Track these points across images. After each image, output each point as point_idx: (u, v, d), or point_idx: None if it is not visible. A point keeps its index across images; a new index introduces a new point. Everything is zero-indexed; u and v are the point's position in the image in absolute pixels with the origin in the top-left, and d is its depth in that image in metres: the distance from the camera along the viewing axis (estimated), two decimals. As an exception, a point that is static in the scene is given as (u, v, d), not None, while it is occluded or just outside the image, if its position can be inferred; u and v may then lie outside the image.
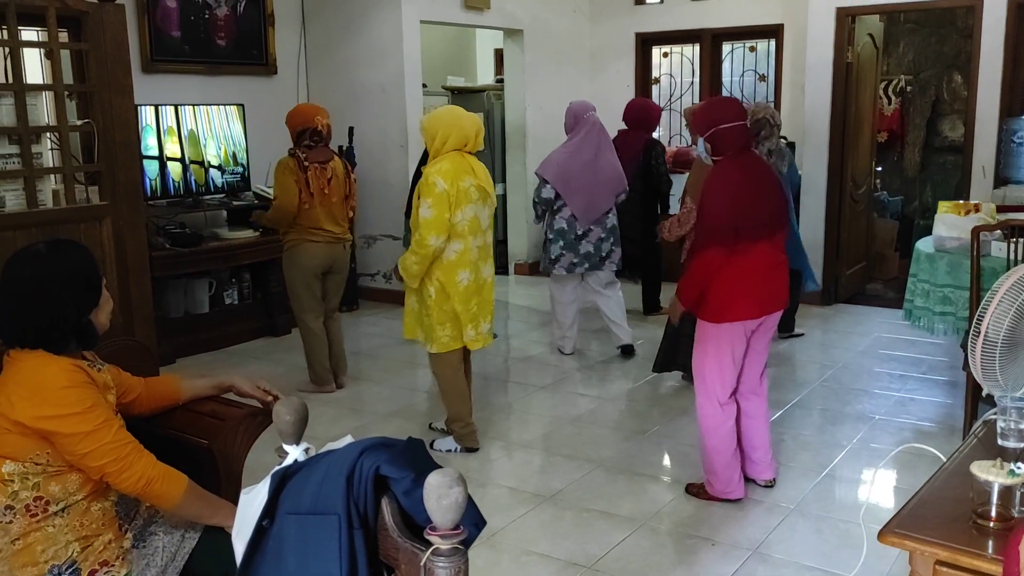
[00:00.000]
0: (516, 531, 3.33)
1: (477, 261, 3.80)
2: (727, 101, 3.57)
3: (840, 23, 6.44)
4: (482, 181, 3.77)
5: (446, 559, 1.25)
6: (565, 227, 5.21)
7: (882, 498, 3.63)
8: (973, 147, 6.19)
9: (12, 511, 1.94)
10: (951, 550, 1.56)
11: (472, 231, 3.74)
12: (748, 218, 3.23)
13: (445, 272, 3.73)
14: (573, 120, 5.25)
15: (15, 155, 3.29)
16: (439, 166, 3.65)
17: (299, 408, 1.59)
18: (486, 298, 3.91)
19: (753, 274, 3.28)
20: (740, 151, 3.33)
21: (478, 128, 3.78)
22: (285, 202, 4.55)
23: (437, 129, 3.70)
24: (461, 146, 3.71)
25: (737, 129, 3.32)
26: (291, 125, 4.69)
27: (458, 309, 3.79)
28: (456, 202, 3.64)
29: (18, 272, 2.00)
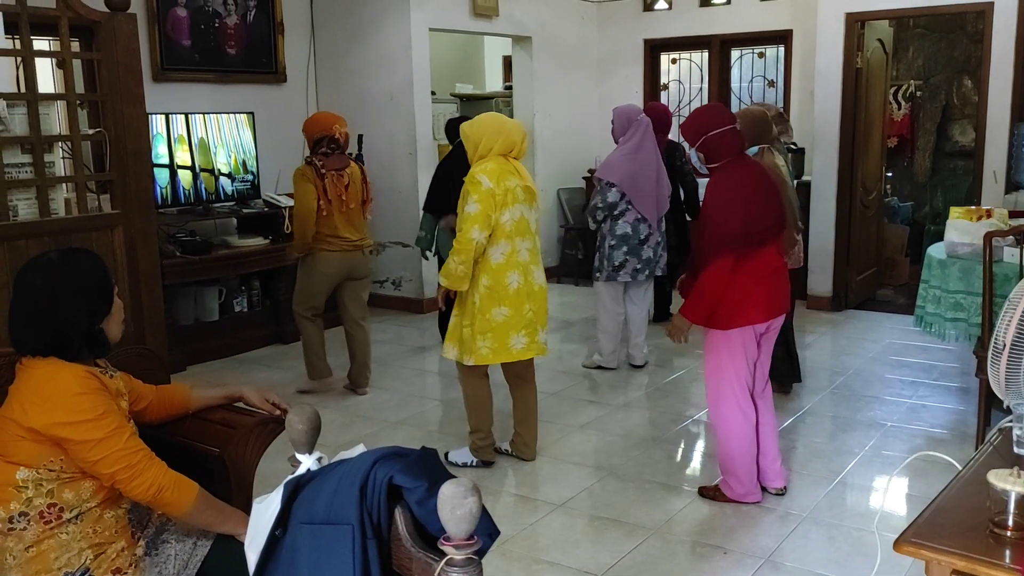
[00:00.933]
0: (527, 539, 3.32)
1: (528, 264, 3.68)
2: (713, 107, 3.53)
3: (849, 28, 6.43)
4: (527, 182, 3.69)
5: (460, 570, 1.25)
6: (629, 231, 5.12)
7: (895, 506, 3.61)
8: (984, 152, 6.16)
9: (26, 518, 1.95)
10: (968, 560, 1.55)
11: (520, 232, 3.63)
12: (756, 223, 3.23)
13: (493, 276, 3.62)
14: (626, 122, 5.16)
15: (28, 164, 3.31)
16: (484, 166, 3.59)
17: (312, 417, 1.59)
18: (542, 304, 3.77)
19: (761, 278, 3.29)
20: (735, 157, 3.31)
21: (524, 134, 3.72)
22: (304, 208, 4.57)
23: (481, 136, 3.64)
24: (506, 152, 3.65)
25: (728, 134, 3.30)
26: (309, 133, 4.72)
27: (509, 314, 3.65)
28: (503, 202, 3.55)
29: (31, 280, 2.01)
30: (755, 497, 3.51)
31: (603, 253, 5.22)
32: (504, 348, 3.68)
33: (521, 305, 3.66)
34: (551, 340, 6.06)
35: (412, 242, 6.07)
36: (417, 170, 6.68)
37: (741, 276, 3.23)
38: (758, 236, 3.22)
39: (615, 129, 5.23)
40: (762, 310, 3.32)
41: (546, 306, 3.81)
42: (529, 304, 3.68)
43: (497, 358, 3.71)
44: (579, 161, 8.02)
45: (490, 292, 3.62)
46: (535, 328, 3.73)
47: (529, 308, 3.69)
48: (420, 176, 6.62)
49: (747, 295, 3.26)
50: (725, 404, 3.42)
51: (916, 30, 8.34)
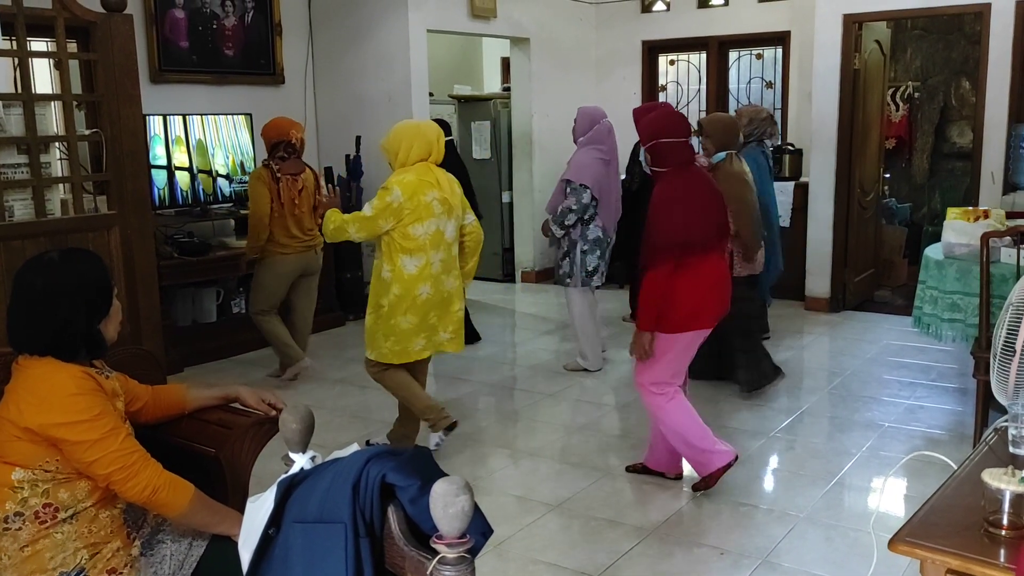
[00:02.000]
0: (523, 540, 3.32)
1: (439, 275, 3.75)
2: (674, 116, 3.58)
3: (847, 30, 6.43)
4: (447, 194, 3.71)
5: (453, 568, 1.25)
6: (600, 235, 5.10)
7: (892, 506, 3.61)
8: (982, 153, 6.17)
9: (21, 518, 1.95)
10: (963, 559, 1.55)
11: (434, 245, 3.69)
12: (698, 231, 3.33)
13: (404, 286, 3.69)
14: (589, 123, 5.11)
15: (24, 164, 3.31)
16: (401, 177, 3.63)
17: (305, 416, 1.59)
18: (449, 309, 3.84)
19: (708, 286, 3.41)
20: (683, 165, 3.39)
21: (439, 134, 3.75)
22: (258, 211, 4.77)
23: (399, 143, 3.67)
24: (425, 155, 3.68)
25: (679, 146, 3.39)
26: (266, 137, 4.89)
27: (413, 321, 3.73)
28: (416, 216, 3.61)
29: (30, 280, 2.01)
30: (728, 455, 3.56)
31: (574, 259, 5.12)
32: (405, 351, 3.80)
33: (427, 313, 3.76)
34: (548, 341, 6.09)
35: None
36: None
37: (690, 282, 3.34)
38: (700, 244, 3.32)
39: (577, 128, 5.17)
40: (712, 316, 3.47)
41: (452, 309, 3.86)
42: (435, 311, 3.78)
43: (398, 359, 3.81)
44: (577, 162, 8.01)
45: (399, 301, 3.70)
46: (436, 331, 3.83)
47: (434, 315, 3.78)
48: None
49: (698, 301, 3.39)
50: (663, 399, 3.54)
51: (914, 31, 8.35)
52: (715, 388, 5.01)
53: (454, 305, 3.87)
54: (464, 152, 7.94)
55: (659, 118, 3.49)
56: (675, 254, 3.28)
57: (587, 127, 5.12)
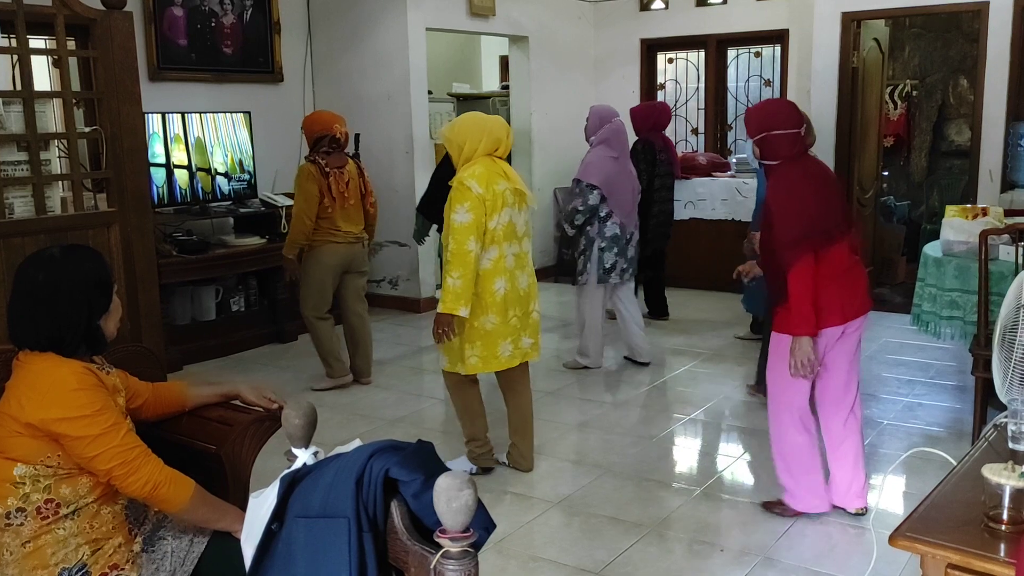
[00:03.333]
0: (523, 537, 3.32)
1: (513, 269, 3.55)
2: (784, 105, 3.35)
3: (845, 28, 6.44)
4: (517, 184, 3.56)
5: (456, 562, 1.25)
6: (618, 232, 5.09)
7: (891, 503, 3.61)
8: (980, 151, 6.18)
9: (23, 513, 1.95)
10: (963, 553, 1.56)
11: (507, 237, 3.51)
12: (828, 219, 3.10)
13: (480, 282, 3.48)
14: (599, 122, 5.13)
15: (24, 162, 3.30)
16: (471, 170, 3.45)
17: (308, 412, 1.60)
18: (526, 310, 3.64)
19: (833, 278, 3.12)
20: (797, 156, 3.18)
21: (508, 130, 3.60)
22: (308, 209, 4.69)
23: (465, 137, 3.51)
24: (492, 150, 3.53)
25: (791, 137, 3.16)
26: (309, 131, 4.84)
27: (496, 321, 3.53)
28: (492, 207, 3.43)
29: (32, 275, 2.01)
30: (822, 507, 3.35)
31: (590, 256, 5.13)
32: (493, 356, 3.57)
33: (507, 312, 3.55)
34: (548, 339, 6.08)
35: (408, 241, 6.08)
36: (414, 169, 6.68)
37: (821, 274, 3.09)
38: (826, 233, 3.07)
39: (588, 127, 5.20)
40: (837, 312, 3.13)
41: (529, 309, 3.67)
42: (513, 310, 3.58)
43: (487, 367, 3.60)
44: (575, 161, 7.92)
45: (478, 299, 3.49)
46: (519, 334, 3.62)
47: (513, 314, 3.58)
48: (417, 175, 6.63)
49: (818, 296, 3.08)
50: (789, 414, 3.25)
51: (912, 29, 8.36)
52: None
53: (531, 305, 3.68)
54: (463, 150, 7.95)
55: (768, 110, 3.29)
56: (812, 244, 3.02)
57: (597, 126, 5.13)
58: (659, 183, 5.99)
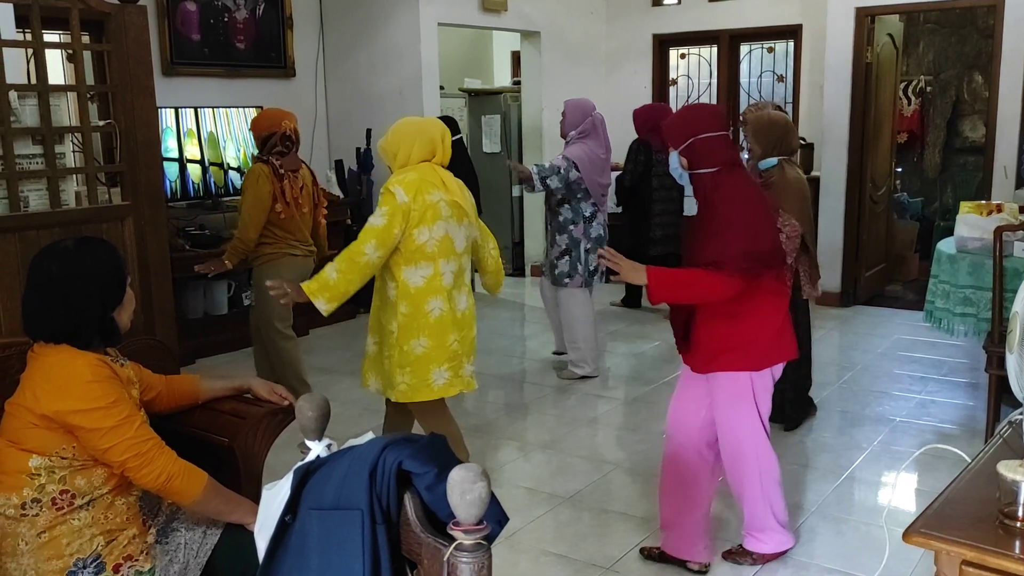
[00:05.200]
0: (534, 532, 3.32)
1: (451, 289, 3.20)
2: (705, 108, 3.05)
3: (859, 23, 6.40)
4: (456, 196, 3.20)
5: (469, 554, 1.25)
6: (602, 234, 4.97)
7: (904, 501, 3.60)
8: (994, 148, 6.14)
9: (38, 504, 1.97)
10: (978, 550, 1.54)
11: (444, 253, 3.16)
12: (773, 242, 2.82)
13: (411, 302, 3.15)
14: (580, 116, 4.92)
15: (39, 155, 3.32)
16: (402, 176, 3.13)
17: (321, 404, 1.60)
18: (467, 334, 3.29)
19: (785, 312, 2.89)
20: (731, 164, 2.81)
21: (444, 132, 3.26)
22: (260, 212, 4.20)
23: (398, 143, 3.19)
24: (428, 156, 3.20)
25: (721, 140, 2.81)
26: (256, 131, 4.36)
27: (428, 346, 3.17)
28: (421, 218, 3.09)
29: (47, 267, 2.03)
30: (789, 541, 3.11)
31: (576, 257, 4.91)
32: (424, 384, 3.20)
33: (444, 336, 3.19)
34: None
35: None
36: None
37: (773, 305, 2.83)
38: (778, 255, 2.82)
39: (566, 122, 4.95)
40: (794, 344, 2.94)
41: (473, 335, 3.33)
42: (454, 334, 3.22)
43: (415, 395, 3.22)
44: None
45: (408, 321, 3.16)
46: (460, 361, 3.25)
47: (454, 339, 3.22)
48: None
49: (784, 327, 2.87)
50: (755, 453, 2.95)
51: (926, 25, 8.31)
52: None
53: (473, 330, 3.34)
54: (474, 146, 7.95)
55: (691, 113, 2.94)
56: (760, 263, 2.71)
57: (579, 120, 4.91)
58: (657, 183, 5.97)
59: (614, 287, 6.83)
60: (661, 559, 3.08)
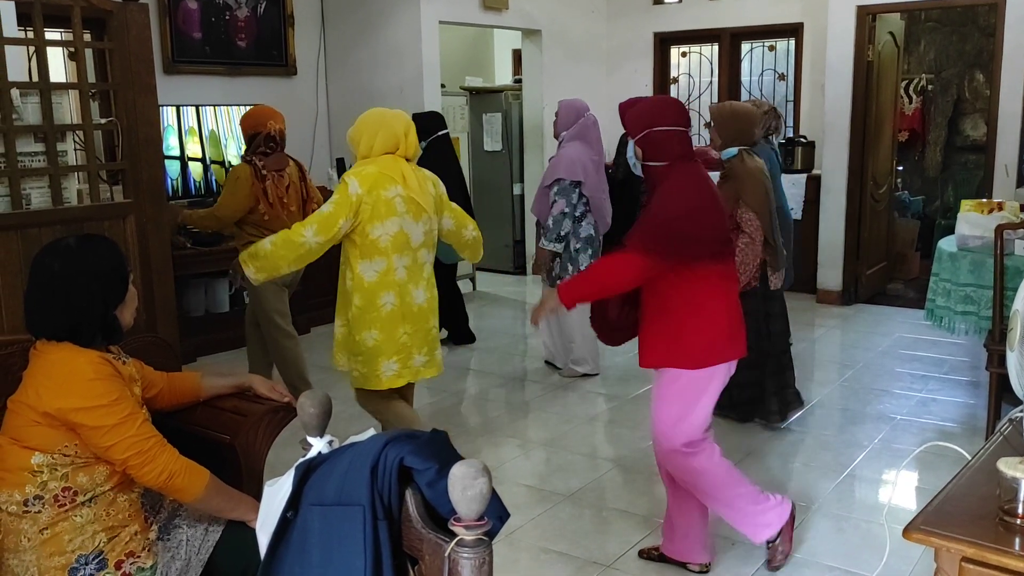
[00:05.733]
0: (534, 529, 3.33)
1: (406, 283, 3.25)
2: (666, 101, 2.99)
3: (861, 21, 6.40)
4: (414, 192, 3.21)
5: (470, 550, 1.25)
6: (592, 233, 4.84)
7: (904, 498, 3.61)
8: (996, 146, 6.14)
9: (41, 501, 1.97)
10: (978, 547, 1.55)
11: (397, 248, 3.20)
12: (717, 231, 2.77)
13: (364, 296, 3.22)
14: (573, 117, 4.85)
15: (40, 153, 3.32)
16: (360, 169, 3.18)
17: (323, 401, 1.61)
18: (421, 327, 3.34)
19: (735, 303, 2.81)
20: (683, 158, 2.79)
21: (407, 126, 3.27)
22: (228, 213, 4.23)
23: (361, 134, 3.24)
24: (392, 148, 3.22)
25: (678, 134, 2.78)
26: (243, 129, 4.37)
27: (379, 339, 3.23)
28: (374, 213, 3.13)
29: (48, 265, 2.03)
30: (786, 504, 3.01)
31: (566, 258, 4.80)
32: (373, 375, 3.28)
33: (394, 329, 3.25)
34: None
35: None
36: (426, 163, 6.69)
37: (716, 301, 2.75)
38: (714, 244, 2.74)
39: (559, 122, 4.88)
40: (742, 343, 2.82)
41: (427, 327, 3.36)
42: (404, 327, 3.27)
43: (366, 383, 3.32)
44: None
45: (361, 313, 3.24)
46: (410, 353, 3.31)
47: (404, 332, 3.27)
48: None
49: (727, 323, 2.76)
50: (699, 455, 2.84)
51: (928, 23, 8.31)
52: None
53: (429, 322, 3.38)
54: (475, 144, 7.95)
55: (650, 104, 2.89)
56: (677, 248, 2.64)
57: (572, 120, 4.85)
58: None
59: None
60: (660, 560, 3.07)
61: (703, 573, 3.02)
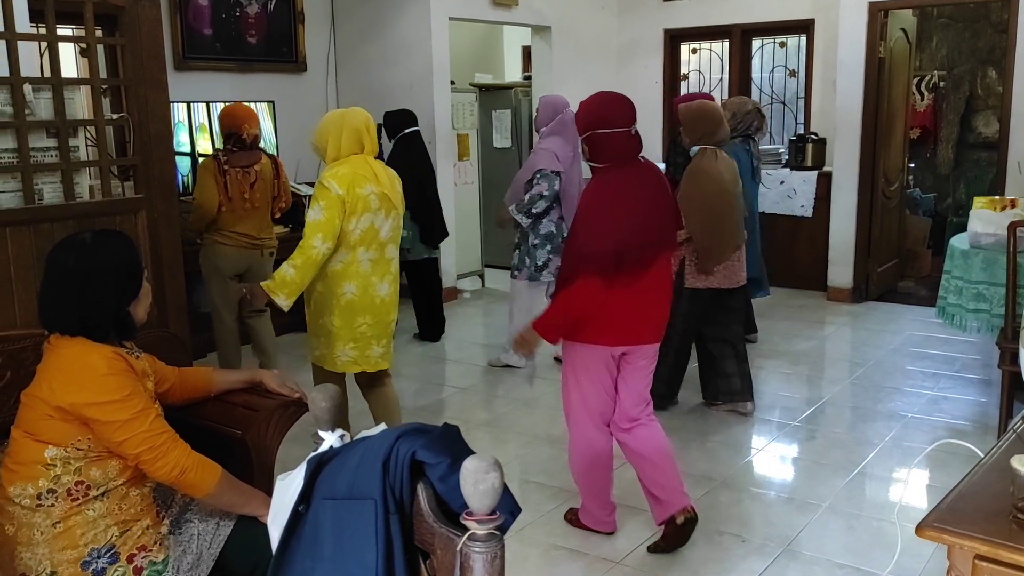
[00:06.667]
0: (545, 525, 3.33)
1: (369, 275, 3.40)
2: (617, 100, 2.93)
3: (872, 18, 6.37)
4: (386, 189, 3.39)
5: (482, 544, 1.25)
6: (553, 231, 4.90)
7: (915, 496, 3.59)
8: (1008, 143, 6.09)
9: (54, 494, 1.98)
10: (991, 544, 1.54)
11: (364, 242, 3.36)
12: (633, 239, 2.77)
13: (326, 283, 3.38)
14: (551, 113, 4.91)
15: (53, 148, 3.33)
16: (334, 170, 3.31)
17: (335, 395, 1.61)
18: (381, 319, 3.47)
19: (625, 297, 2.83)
20: (623, 159, 2.84)
21: (367, 122, 3.41)
22: (202, 202, 4.47)
23: (326, 136, 3.38)
24: (357, 147, 3.37)
25: (620, 137, 2.82)
26: (221, 124, 4.60)
27: (337, 325, 3.40)
28: (352, 209, 3.29)
29: (64, 260, 2.04)
30: (607, 527, 3.23)
31: (524, 251, 4.96)
32: (330, 357, 3.46)
33: (353, 318, 3.40)
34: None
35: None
36: (436, 159, 6.68)
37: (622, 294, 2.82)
38: (635, 255, 2.77)
39: (539, 118, 4.98)
40: (617, 333, 2.90)
41: (387, 320, 3.50)
42: (364, 318, 3.41)
43: (323, 363, 3.50)
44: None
45: (322, 299, 3.42)
46: (368, 343, 3.45)
47: (363, 322, 3.41)
48: (439, 165, 6.63)
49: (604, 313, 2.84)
50: (574, 425, 3.13)
51: (940, 20, 8.26)
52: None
53: (390, 315, 3.52)
54: (485, 141, 7.94)
55: (599, 104, 2.89)
56: (604, 265, 2.73)
57: (550, 117, 4.93)
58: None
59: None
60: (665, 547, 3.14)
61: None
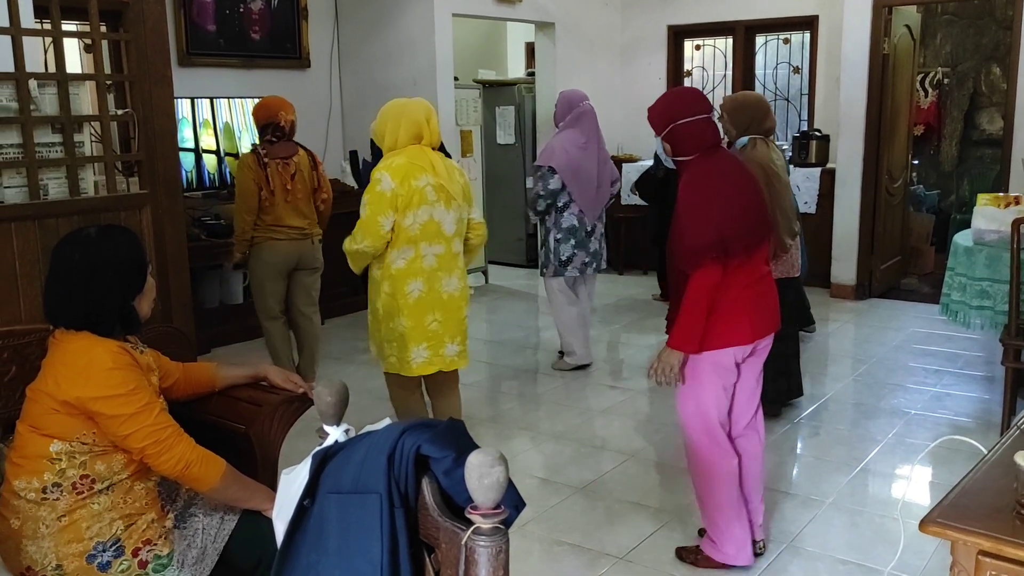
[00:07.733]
0: (547, 521, 3.34)
1: (436, 271, 3.32)
2: (685, 92, 3.01)
3: (877, 14, 6.36)
4: (444, 180, 3.28)
5: (487, 538, 1.26)
6: (576, 224, 4.86)
7: (918, 493, 3.59)
8: (1012, 140, 6.08)
9: (59, 488, 1.99)
10: (994, 540, 1.54)
11: (427, 237, 3.27)
12: (733, 228, 2.71)
13: (392, 283, 3.30)
14: (567, 107, 4.90)
15: (58, 144, 3.34)
16: (389, 161, 3.24)
17: (340, 390, 1.62)
18: (452, 315, 3.39)
19: (741, 291, 2.77)
20: (708, 150, 2.79)
21: (428, 112, 3.34)
22: (243, 203, 4.41)
23: (384, 126, 3.31)
24: (416, 138, 3.29)
25: (700, 123, 2.78)
26: (255, 118, 4.56)
27: (408, 326, 3.31)
28: (408, 203, 3.20)
29: (68, 254, 2.04)
30: (746, 559, 2.96)
31: (549, 247, 4.94)
32: (405, 361, 3.37)
33: (422, 316, 3.33)
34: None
35: None
36: (439, 156, 6.69)
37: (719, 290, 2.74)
38: (740, 243, 2.71)
39: (557, 113, 4.98)
40: (746, 329, 2.79)
41: (459, 316, 3.43)
42: (434, 315, 3.34)
43: (401, 370, 3.40)
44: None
45: (391, 300, 3.32)
46: (441, 341, 3.38)
47: (433, 319, 3.34)
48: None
49: (726, 312, 2.75)
50: (701, 444, 2.91)
51: (944, 16, 8.24)
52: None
53: (462, 311, 3.44)
54: (488, 137, 7.94)
55: (670, 98, 2.90)
56: (717, 254, 2.66)
57: (567, 111, 4.92)
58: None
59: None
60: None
61: None
